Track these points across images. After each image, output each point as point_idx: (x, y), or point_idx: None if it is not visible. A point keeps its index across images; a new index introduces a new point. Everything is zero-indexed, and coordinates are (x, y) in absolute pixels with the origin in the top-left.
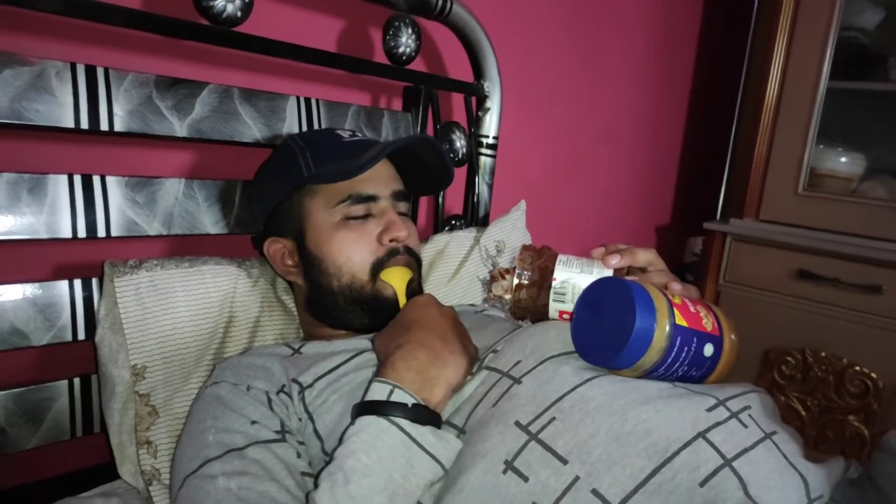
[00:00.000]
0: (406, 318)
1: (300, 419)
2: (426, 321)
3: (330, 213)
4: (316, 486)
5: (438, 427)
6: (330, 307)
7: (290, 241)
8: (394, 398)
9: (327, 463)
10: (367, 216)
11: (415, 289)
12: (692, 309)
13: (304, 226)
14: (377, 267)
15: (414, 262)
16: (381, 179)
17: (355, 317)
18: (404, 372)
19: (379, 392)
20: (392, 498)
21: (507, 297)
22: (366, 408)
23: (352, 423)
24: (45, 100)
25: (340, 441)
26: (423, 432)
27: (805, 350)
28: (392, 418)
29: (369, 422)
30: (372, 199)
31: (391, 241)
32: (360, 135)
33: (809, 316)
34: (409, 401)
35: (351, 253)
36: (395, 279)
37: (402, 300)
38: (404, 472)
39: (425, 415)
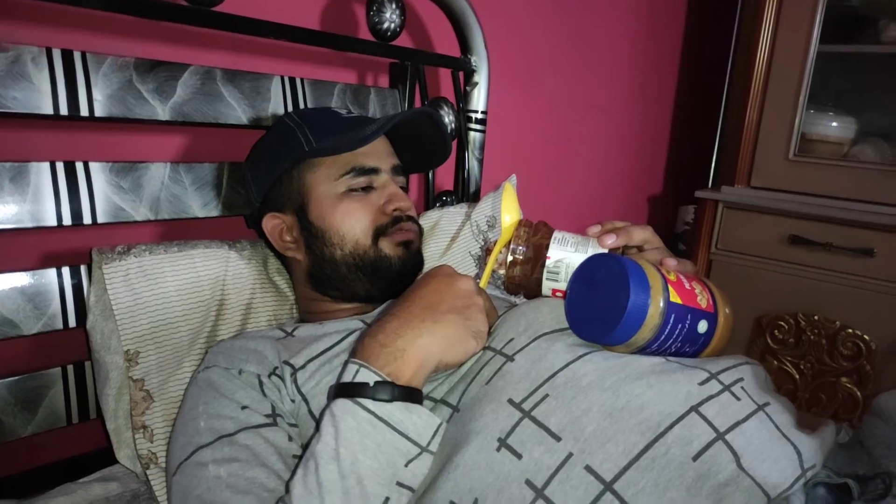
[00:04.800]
0: (406, 292)
1: (293, 401)
2: (418, 290)
3: (333, 185)
4: (293, 474)
5: (415, 400)
6: (333, 277)
7: (289, 216)
8: (358, 378)
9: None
10: (368, 188)
11: (415, 252)
12: (687, 286)
13: (306, 199)
14: (379, 232)
15: (417, 228)
16: (381, 154)
17: (358, 284)
18: (370, 347)
19: (348, 373)
20: (361, 480)
21: (501, 271)
22: (338, 390)
23: (326, 406)
24: (21, 86)
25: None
26: (390, 410)
27: (798, 314)
28: (357, 399)
29: (338, 404)
30: (374, 171)
31: (394, 210)
32: (356, 112)
33: (802, 281)
34: (372, 379)
35: (354, 222)
36: (506, 230)
37: (494, 255)
38: (373, 452)
39: (390, 391)
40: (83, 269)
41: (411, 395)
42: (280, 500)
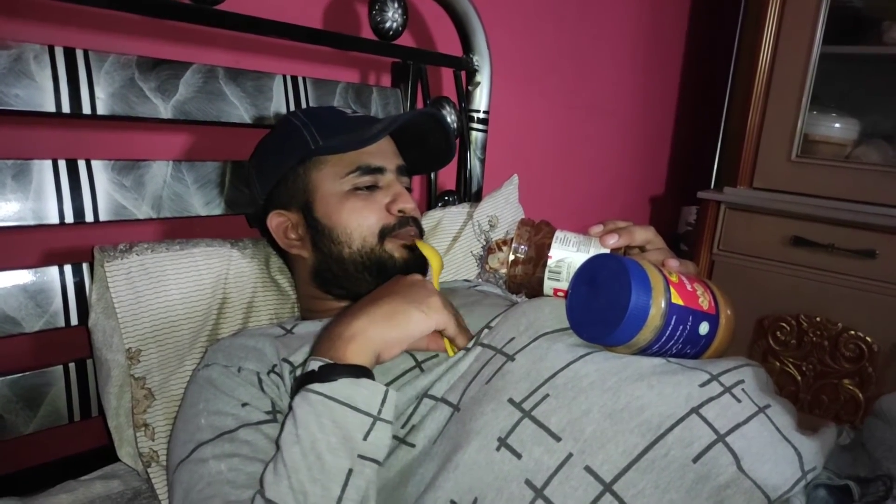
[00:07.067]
0: None
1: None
2: (368, 294)
3: (339, 183)
4: (264, 470)
5: (360, 376)
6: (339, 276)
7: (294, 214)
8: (307, 369)
9: None
10: (373, 187)
11: (419, 254)
12: (689, 287)
13: (312, 197)
14: (385, 232)
15: (419, 234)
16: (386, 153)
17: (363, 283)
18: (317, 342)
19: (305, 369)
20: (320, 456)
21: (503, 270)
22: (295, 387)
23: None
24: (24, 84)
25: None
26: (337, 387)
27: (799, 316)
28: (308, 387)
29: (295, 399)
30: (379, 170)
31: (399, 211)
32: (359, 112)
33: (804, 282)
34: (316, 365)
35: (361, 220)
36: (434, 258)
37: (436, 277)
38: (329, 429)
39: (333, 371)
40: (85, 267)
41: (357, 371)
42: (256, 493)
